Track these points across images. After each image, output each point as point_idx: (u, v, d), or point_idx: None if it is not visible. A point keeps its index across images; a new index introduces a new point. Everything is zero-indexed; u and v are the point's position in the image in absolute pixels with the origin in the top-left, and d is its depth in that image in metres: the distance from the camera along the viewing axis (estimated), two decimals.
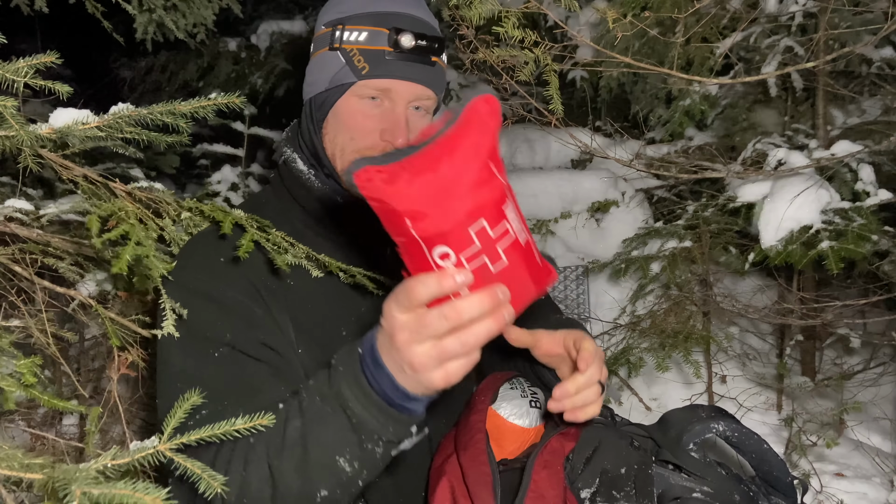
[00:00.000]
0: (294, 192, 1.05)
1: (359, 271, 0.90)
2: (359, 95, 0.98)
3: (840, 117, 2.75)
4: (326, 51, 0.99)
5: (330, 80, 0.99)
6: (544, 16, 2.52)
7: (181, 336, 0.91)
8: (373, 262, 1.07)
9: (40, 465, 0.53)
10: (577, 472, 0.97)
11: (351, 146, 1.00)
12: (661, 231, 2.66)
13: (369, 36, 0.96)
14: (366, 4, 0.98)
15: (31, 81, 0.78)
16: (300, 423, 0.75)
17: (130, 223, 0.86)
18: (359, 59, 0.96)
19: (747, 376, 2.79)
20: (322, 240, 1.04)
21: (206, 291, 0.94)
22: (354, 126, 0.99)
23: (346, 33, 0.97)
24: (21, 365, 0.83)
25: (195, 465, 0.58)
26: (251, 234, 0.88)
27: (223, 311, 0.93)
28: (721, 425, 1.01)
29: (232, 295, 0.94)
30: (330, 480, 0.74)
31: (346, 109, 0.99)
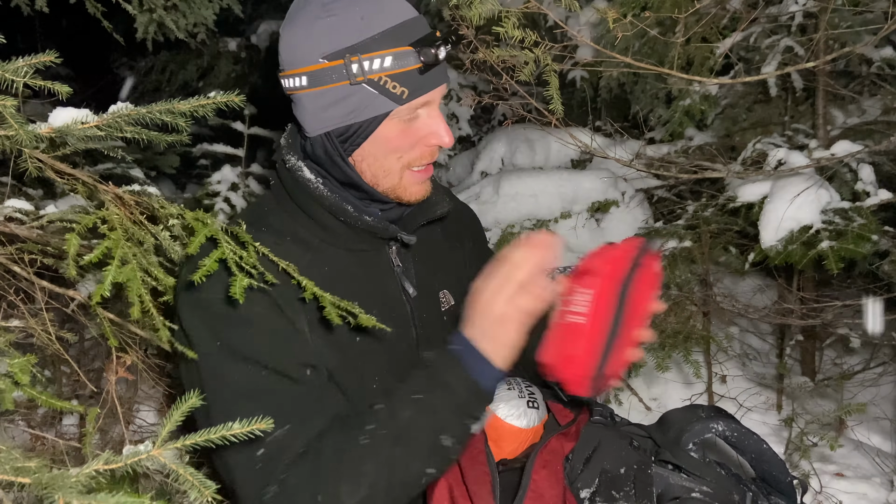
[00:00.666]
0: (299, 201, 1.03)
1: (332, 300, 0.89)
2: (400, 118, 0.97)
3: (840, 117, 2.75)
4: (344, 86, 0.94)
5: (359, 112, 0.95)
6: (544, 16, 2.52)
7: (224, 359, 0.92)
8: (381, 270, 1.07)
9: (32, 469, 0.52)
10: (576, 471, 0.97)
11: (399, 164, 1.00)
12: (661, 231, 2.66)
13: (395, 59, 0.92)
14: (369, 25, 0.93)
15: (31, 81, 0.78)
16: (411, 414, 0.88)
17: (113, 238, 0.82)
18: (394, 86, 0.93)
19: (747, 376, 2.79)
20: (327, 246, 1.03)
21: (232, 315, 0.93)
22: (400, 146, 0.99)
23: (367, 63, 0.92)
24: (14, 364, 0.82)
25: (187, 472, 0.58)
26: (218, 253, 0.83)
27: (259, 335, 0.94)
28: (720, 425, 1.01)
29: (259, 314, 0.94)
30: (438, 460, 0.89)
31: (388, 136, 0.98)
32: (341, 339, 1.00)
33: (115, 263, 0.79)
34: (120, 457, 0.60)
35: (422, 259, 1.14)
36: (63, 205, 1.67)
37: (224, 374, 0.92)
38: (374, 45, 0.92)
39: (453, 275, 1.20)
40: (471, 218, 1.35)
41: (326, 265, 1.02)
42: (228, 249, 0.83)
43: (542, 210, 3.23)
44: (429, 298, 1.13)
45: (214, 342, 0.93)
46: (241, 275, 0.81)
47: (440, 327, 1.13)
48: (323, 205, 1.01)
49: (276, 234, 1.01)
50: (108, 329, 1.11)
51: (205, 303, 0.95)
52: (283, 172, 1.05)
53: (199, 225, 0.86)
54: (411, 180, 1.03)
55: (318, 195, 1.01)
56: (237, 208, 2.98)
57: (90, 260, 0.80)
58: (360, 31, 0.92)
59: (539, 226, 3.24)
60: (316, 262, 1.01)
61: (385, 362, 1.05)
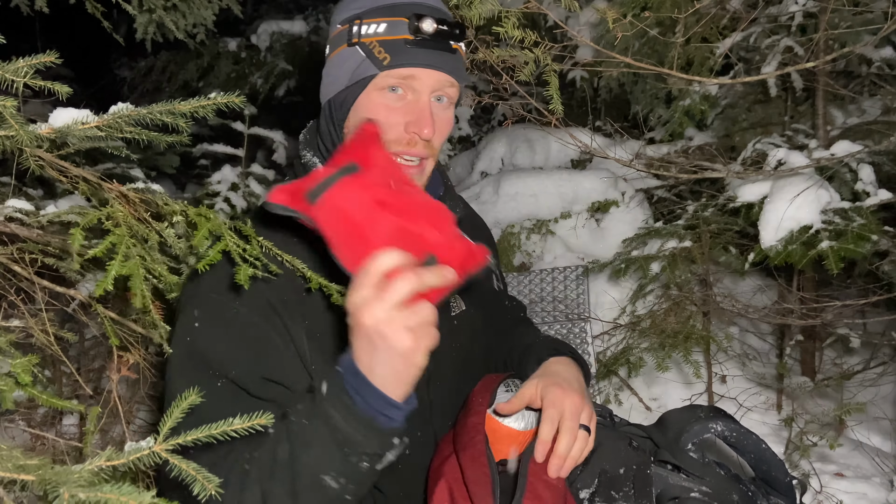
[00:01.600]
0: None
1: (339, 289, 0.87)
2: (380, 88, 0.96)
3: (840, 117, 2.75)
4: (345, 48, 0.98)
5: (350, 76, 0.98)
6: (544, 16, 2.52)
7: (189, 355, 0.91)
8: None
9: (35, 467, 0.53)
10: (575, 472, 0.97)
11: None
12: (661, 231, 2.66)
13: (388, 27, 0.95)
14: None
15: (31, 81, 0.78)
16: (288, 447, 0.77)
17: (117, 234, 0.82)
18: (379, 51, 0.95)
19: (747, 376, 2.79)
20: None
21: (218, 313, 0.92)
22: (377, 119, 0.97)
23: (364, 27, 0.96)
24: (16, 364, 0.82)
25: (190, 467, 0.58)
26: (222, 245, 0.83)
27: (232, 340, 0.92)
28: (720, 425, 1.01)
29: (245, 315, 0.92)
30: (318, 499, 0.77)
31: (369, 104, 0.98)
32: (345, 344, 0.99)
33: (118, 258, 0.80)
34: (122, 453, 0.60)
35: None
36: (63, 204, 1.67)
37: (186, 374, 0.90)
38: (376, 13, 0.96)
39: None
40: (487, 234, 1.35)
41: (335, 265, 1.01)
42: (231, 242, 0.83)
43: (542, 210, 3.24)
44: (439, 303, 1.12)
45: (189, 339, 0.92)
46: (244, 265, 0.81)
47: (449, 331, 1.12)
48: None
49: (283, 229, 0.99)
50: (110, 328, 1.11)
51: (198, 297, 0.95)
52: (299, 168, 1.06)
53: (203, 220, 0.86)
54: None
55: None
56: (237, 208, 2.99)
57: (95, 254, 0.80)
58: (372, 1, 0.97)
59: (539, 226, 3.24)
60: (325, 260, 1.00)
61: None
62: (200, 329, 0.92)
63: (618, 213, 3.20)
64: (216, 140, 3.21)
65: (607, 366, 2.65)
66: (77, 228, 0.77)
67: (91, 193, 1.06)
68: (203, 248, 0.83)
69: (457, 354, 1.13)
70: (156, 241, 0.94)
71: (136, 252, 0.83)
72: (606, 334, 2.84)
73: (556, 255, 3.21)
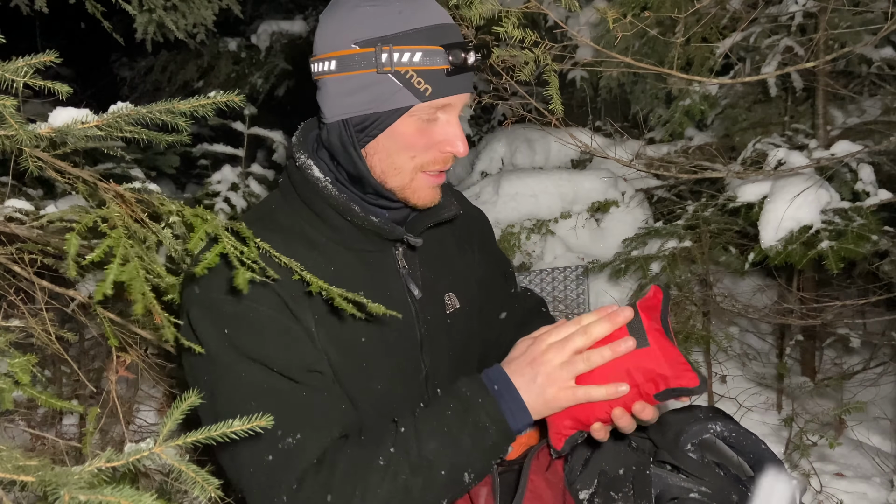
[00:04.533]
0: (307, 199, 1.03)
1: (339, 293, 0.87)
2: (419, 117, 0.96)
3: (840, 117, 2.75)
4: (372, 73, 0.94)
5: (381, 102, 0.95)
6: (544, 16, 2.52)
7: (233, 361, 0.92)
8: (387, 271, 1.07)
9: (35, 468, 0.52)
10: (575, 472, 0.97)
11: (411, 164, 1.00)
12: (661, 231, 2.66)
13: (424, 56, 0.93)
14: (406, 20, 0.94)
15: (31, 81, 0.78)
16: (438, 446, 0.88)
17: (114, 237, 0.81)
18: (419, 81, 0.94)
19: (747, 376, 2.79)
20: (335, 245, 1.03)
21: (238, 314, 0.93)
22: (414, 144, 0.98)
23: (397, 55, 0.93)
24: (14, 364, 0.82)
25: (189, 468, 0.58)
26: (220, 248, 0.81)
27: (262, 337, 0.93)
28: (719, 426, 1.01)
29: (265, 312, 0.94)
30: (454, 492, 0.90)
31: (404, 132, 0.97)
32: (346, 339, 1.00)
33: (116, 262, 0.79)
34: (122, 454, 0.60)
35: (428, 261, 1.13)
36: (63, 204, 1.67)
37: (234, 375, 0.92)
38: (407, 39, 0.93)
39: (460, 278, 1.19)
40: (481, 221, 1.35)
41: (332, 264, 1.01)
42: (229, 244, 0.82)
43: (542, 210, 3.23)
44: (434, 300, 1.13)
45: (224, 343, 0.93)
46: (242, 268, 0.81)
47: (444, 330, 1.13)
48: (330, 204, 1.01)
49: (283, 231, 1.01)
50: (109, 328, 1.11)
51: (214, 303, 0.94)
52: (293, 170, 1.05)
53: (199, 221, 0.85)
54: (422, 183, 1.02)
55: (326, 194, 1.00)
56: (237, 208, 2.99)
57: (91, 260, 0.79)
58: (396, 24, 0.94)
59: (539, 226, 3.24)
60: (322, 260, 1.00)
61: (389, 363, 1.05)
62: (231, 332, 0.93)
63: (618, 213, 3.20)
64: (216, 140, 3.21)
65: None
66: (73, 233, 0.76)
67: (89, 194, 1.06)
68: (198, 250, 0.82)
69: (453, 352, 1.13)
70: (154, 241, 0.93)
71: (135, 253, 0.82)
72: None
73: (556, 255, 3.21)
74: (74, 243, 0.76)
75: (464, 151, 1.00)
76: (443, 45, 0.94)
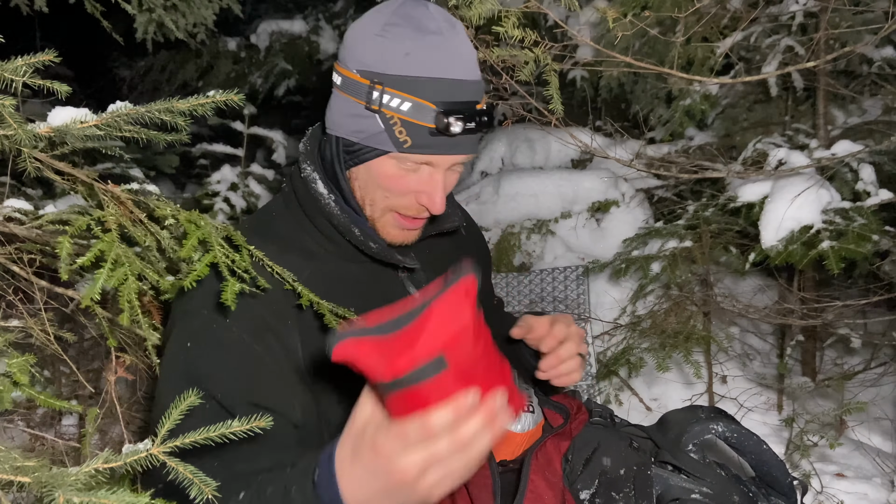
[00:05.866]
0: (309, 211, 1.01)
1: (329, 307, 0.85)
2: (399, 163, 0.93)
3: (840, 117, 2.75)
4: (361, 105, 0.91)
5: (363, 137, 0.93)
6: (544, 15, 2.52)
7: (180, 374, 0.90)
8: (386, 277, 1.06)
9: (32, 468, 0.52)
10: (576, 472, 0.97)
11: (384, 203, 0.98)
12: (661, 231, 2.65)
13: (413, 108, 0.88)
14: (409, 64, 0.88)
15: (30, 81, 0.77)
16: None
17: (107, 241, 0.79)
18: (400, 131, 0.89)
19: (748, 376, 2.78)
20: (334, 258, 1.02)
21: (209, 331, 0.90)
22: (389, 187, 0.95)
23: (387, 97, 0.88)
24: (12, 364, 0.81)
25: (187, 469, 0.57)
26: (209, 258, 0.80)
27: (222, 361, 0.90)
28: (720, 426, 1.00)
29: (236, 334, 0.90)
30: None
31: (382, 172, 0.94)
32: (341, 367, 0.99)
33: (107, 266, 0.78)
34: (119, 455, 0.60)
35: (429, 267, 1.13)
36: (62, 205, 1.67)
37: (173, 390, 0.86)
38: (402, 85, 0.88)
39: None
40: (483, 246, 1.36)
41: (329, 274, 1.00)
42: (220, 253, 0.81)
43: (542, 210, 3.23)
44: None
45: (179, 356, 0.90)
46: (232, 279, 0.79)
47: None
48: (332, 222, 0.99)
49: (279, 241, 0.99)
50: (108, 329, 1.10)
51: (190, 313, 0.92)
52: (297, 180, 1.02)
53: (192, 227, 0.84)
54: (392, 222, 1.00)
55: (328, 211, 0.98)
56: (237, 208, 2.98)
57: (82, 263, 0.78)
58: (398, 65, 0.89)
59: (539, 226, 3.24)
60: (318, 271, 0.98)
61: None
62: (191, 348, 0.90)
63: (618, 213, 3.19)
64: (216, 140, 3.21)
65: (608, 366, 2.65)
66: (65, 236, 0.76)
67: (88, 194, 1.06)
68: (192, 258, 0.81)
69: None
70: (153, 242, 0.93)
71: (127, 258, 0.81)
72: (607, 334, 2.83)
73: (556, 255, 3.20)
74: (67, 246, 0.75)
75: (439, 209, 0.95)
76: (436, 102, 0.88)
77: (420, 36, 0.89)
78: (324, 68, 4.93)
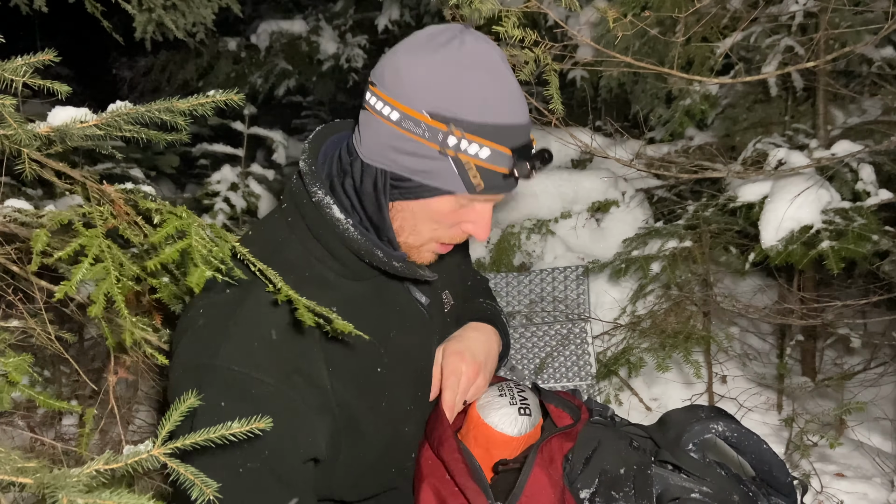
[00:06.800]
0: (322, 239, 0.97)
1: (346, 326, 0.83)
2: (458, 200, 0.94)
3: (840, 117, 2.75)
4: (430, 147, 0.89)
5: (429, 177, 0.91)
6: (544, 15, 2.52)
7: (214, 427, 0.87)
8: (393, 289, 1.07)
9: (33, 469, 0.52)
10: (576, 472, 0.97)
11: (431, 234, 0.98)
12: (661, 231, 2.65)
13: (492, 155, 0.88)
14: (488, 111, 0.88)
15: (30, 81, 0.77)
16: None
17: (88, 236, 0.78)
18: (474, 175, 0.89)
19: (748, 376, 2.78)
20: (343, 280, 1.00)
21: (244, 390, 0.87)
22: (442, 221, 0.96)
23: (465, 143, 0.87)
24: (9, 363, 0.81)
25: (188, 471, 0.57)
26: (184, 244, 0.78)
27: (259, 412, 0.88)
28: (720, 426, 1.00)
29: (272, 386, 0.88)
30: None
31: (439, 209, 0.95)
32: (365, 376, 0.98)
33: (87, 261, 0.77)
34: (120, 456, 0.59)
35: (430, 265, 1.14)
36: (62, 205, 1.67)
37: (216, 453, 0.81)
38: (482, 132, 0.88)
39: (451, 275, 1.22)
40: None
41: (345, 299, 0.98)
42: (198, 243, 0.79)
43: (542, 210, 3.23)
44: (437, 302, 1.15)
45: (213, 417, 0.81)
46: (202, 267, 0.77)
47: (447, 328, 1.16)
48: (350, 247, 0.96)
49: (294, 272, 0.96)
50: (107, 329, 1.10)
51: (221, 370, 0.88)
52: (305, 203, 0.98)
53: (173, 217, 0.81)
54: (431, 249, 1.02)
55: (347, 237, 0.95)
56: (237, 208, 2.98)
57: (60, 256, 0.77)
58: (478, 112, 0.88)
59: (539, 226, 3.24)
60: (335, 298, 0.96)
61: (412, 377, 1.06)
62: (226, 408, 0.86)
63: (618, 212, 3.19)
64: (216, 140, 3.21)
65: (608, 366, 2.65)
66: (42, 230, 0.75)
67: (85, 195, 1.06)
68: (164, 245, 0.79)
69: None
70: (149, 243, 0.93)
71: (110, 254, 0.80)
72: (607, 334, 2.83)
73: (556, 255, 3.20)
74: (42, 239, 0.75)
75: (483, 238, 0.98)
76: (512, 147, 0.89)
77: (494, 81, 0.89)
78: (324, 68, 4.93)
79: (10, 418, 1.96)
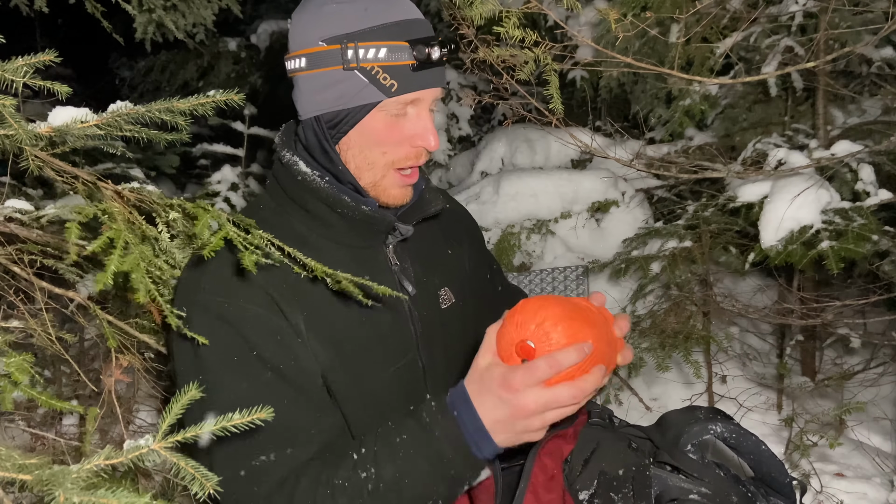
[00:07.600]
0: (295, 195, 1.03)
1: (346, 277, 0.88)
2: (387, 112, 0.98)
3: (840, 117, 2.75)
4: (338, 70, 0.96)
5: (348, 98, 0.97)
6: (545, 16, 2.52)
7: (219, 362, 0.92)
8: (378, 268, 1.07)
9: (33, 466, 0.52)
10: (575, 473, 0.97)
11: (383, 160, 1.01)
12: (661, 231, 2.66)
13: (389, 52, 0.94)
14: (371, 17, 0.95)
15: (31, 81, 0.78)
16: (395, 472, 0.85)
17: (116, 228, 0.81)
18: (384, 77, 0.95)
19: (747, 376, 2.79)
20: (325, 241, 1.03)
21: (228, 315, 0.93)
22: (384, 140, 0.99)
23: (362, 51, 0.94)
24: (10, 363, 0.81)
25: (188, 465, 0.58)
26: (224, 232, 0.83)
27: (252, 330, 0.93)
28: (719, 426, 1.01)
29: (253, 310, 0.94)
30: None
31: (373, 128, 0.98)
32: (337, 338, 1.00)
33: (117, 252, 0.79)
34: (121, 452, 0.60)
35: (420, 257, 1.14)
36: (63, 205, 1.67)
37: (223, 382, 0.92)
38: (372, 35, 0.94)
39: (454, 273, 1.20)
40: (469, 220, 1.36)
41: (323, 261, 0.99)
42: (232, 231, 0.83)
43: (542, 210, 3.23)
44: (428, 296, 1.13)
45: (213, 346, 0.92)
46: (248, 250, 0.81)
47: (439, 325, 1.13)
48: (319, 197, 1.01)
49: (273, 230, 0.99)
50: (108, 330, 1.11)
51: (206, 303, 0.94)
52: (279, 169, 1.05)
53: (202, 211, 0.87)
54: (393, 181, 1.03)
55: (315, 187, 1.01)
56: (237, 208, 2.98)
57: (93, 250, 0.79)
58: (361, 21, 0.94)
59: (539, 226, 3.24)
60: (313, 257, 0.99)
61: (383, 362, 1.05)
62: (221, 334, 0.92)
63: (618, 213, 3.20)
64: (216, 140, 3.21)
65: None
66: (73, 223, 0.77)
67: (88, 194, 1.06)
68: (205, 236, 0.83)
69: (450, 348, 1.13)
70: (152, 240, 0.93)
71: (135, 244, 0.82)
72: None
73: (556, 255, 3.20)
74: (75, 231, 0.77)
75: (434, 145, 1.01)
76: (408, 40, 0.95)
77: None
78: None
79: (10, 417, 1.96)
